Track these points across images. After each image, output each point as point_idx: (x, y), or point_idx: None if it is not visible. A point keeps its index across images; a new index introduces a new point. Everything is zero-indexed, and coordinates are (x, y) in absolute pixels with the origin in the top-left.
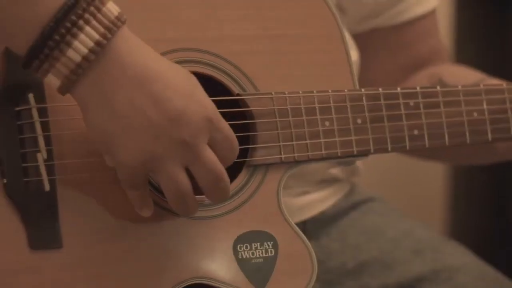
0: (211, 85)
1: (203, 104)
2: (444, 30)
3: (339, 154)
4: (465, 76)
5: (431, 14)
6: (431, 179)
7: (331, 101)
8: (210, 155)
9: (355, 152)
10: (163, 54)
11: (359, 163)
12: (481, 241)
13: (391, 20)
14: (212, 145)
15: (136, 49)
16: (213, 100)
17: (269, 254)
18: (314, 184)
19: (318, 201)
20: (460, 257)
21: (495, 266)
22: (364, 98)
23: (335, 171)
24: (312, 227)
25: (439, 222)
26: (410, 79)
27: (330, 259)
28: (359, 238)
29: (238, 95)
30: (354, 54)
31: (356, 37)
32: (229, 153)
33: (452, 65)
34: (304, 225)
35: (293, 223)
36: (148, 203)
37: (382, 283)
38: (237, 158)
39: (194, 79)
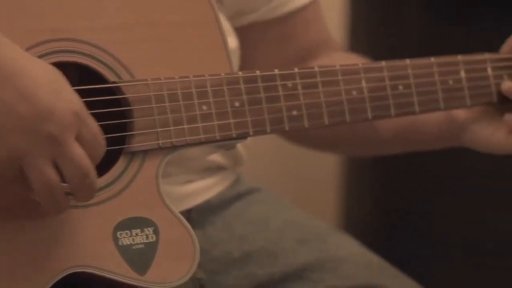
0: (86, 75)
1: (71, 99)
2: (338, 19)
3: (217, 138)
4: None
5: (313, 4)
6: (322, 170)
7: (208, 85)
8: (78, 150)
9: (234, 135)
10: (39, 44)
11: (244, 151)
12: (371, 231)
13: (270, 14)
14: (79, 141)
15: (2, 46)
16: (88, 89)
17: (150, 240)
18: (199, 173)
19: (202, 189)
20: (345, 246)
21: (384, 255)
22: (241, 81)
23: (219, 159)
24: (197, 216)
25: (330, 212)
26: None
27: (215, 248)
28: (245, 227)
29: (113, 83)
30: (233, 41)
31: (238, 31)
32: (96, 149)
33: (343, 54)
34: (189, 214)
35: (173, 208)
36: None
37: (268, 272)
38: (115, 146)
39: (61, 76)
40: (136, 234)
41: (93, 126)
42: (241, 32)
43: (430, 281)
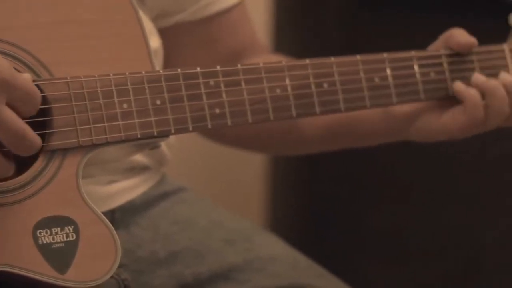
0: None
1: None
2: (263, 17)
3: (139, 136)
4: None
5: (239, 5)
6: (247, 169)
7: (128, 83)
8: (8, 115)
9: (155, 133)
10: None
11: (168, 151)
12: (297, 231)
13: (196, 15)
14: (12, 105)
15: None
16: None
17: (70, 238)
18: (122, 173)
19: (126, 189)
20: (272, 246)
21: (310, 255)
22: (162, 79)
23: (143, 159)
24: (121, 216)
25: (255, 212)
26: None
27: (140, 249)
28: (170, 227)
29: (32, 81)
30: (156, 41)
31: (165, 32)
32: (32, 102)
33: (270, 56)
34: (112, 214)
35: (93, 206)
36: None
37: (194, 272)
38: None
39: None
40: (56, 233)
41: (24, 85)
42: (168, 32)
43: (357, 280)
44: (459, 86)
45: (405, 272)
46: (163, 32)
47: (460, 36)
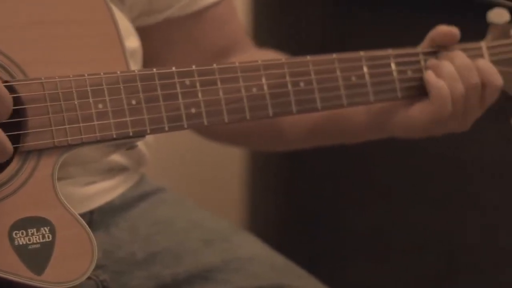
0: None
1: None
2: (240, 13)
3: (114, 136)
4: None
5: (226, 0)
6: (227, 169)
7: (103, 83)
8: None
9: (131, 133)
10: None
11: (147, 151)
12: (277, 231)
13: (185, 10)
14: None
15: None
16: None
17: (46, 239)
18: (100, 174)
19: (104, 190)
20: (250, 247)
21: (289, 255)
22: (138, 79)
23: (121, 160)
24: (100, 217)
25: (235, 212)
26: None
27: (119, 249)
28: (149, 228)
29: (6, 82)
30: (135, 41)
31: (152, 29)
32: (4, 108)
33: (256, 50)
34: (91, 215)
35: (69, 207)
36: None
37: (173, 273)
38: None
39: None
40: (32, 234)
41: None
42: (157, 29)
43: (337, 278)
44: (429, 75)
45: (387, 271)
46: (151, 30)
47: (442, 28)
